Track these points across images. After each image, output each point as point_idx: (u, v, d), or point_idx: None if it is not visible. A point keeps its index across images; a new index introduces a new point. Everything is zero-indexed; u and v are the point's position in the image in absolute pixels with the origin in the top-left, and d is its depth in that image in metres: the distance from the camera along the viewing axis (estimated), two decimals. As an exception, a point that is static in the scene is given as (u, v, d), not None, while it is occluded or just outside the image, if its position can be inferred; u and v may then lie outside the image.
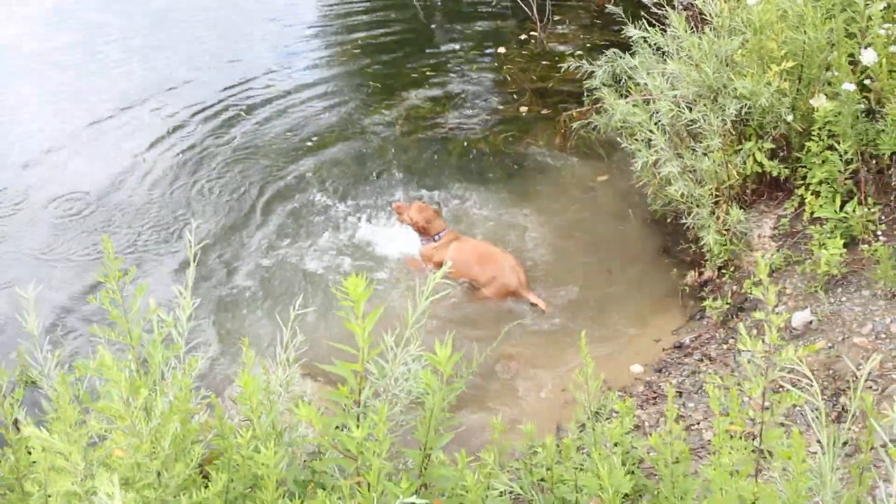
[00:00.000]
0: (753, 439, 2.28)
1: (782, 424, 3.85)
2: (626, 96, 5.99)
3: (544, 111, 8.28)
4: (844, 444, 2.29)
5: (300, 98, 8.85)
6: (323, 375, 4.98)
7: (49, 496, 1.95)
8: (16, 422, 2.37)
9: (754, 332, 4.94)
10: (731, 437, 2.19)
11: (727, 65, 5.41)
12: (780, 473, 2.21)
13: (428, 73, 9.27)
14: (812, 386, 2.12)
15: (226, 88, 9.06)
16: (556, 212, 6.84)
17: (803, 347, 2.04)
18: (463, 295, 5.98)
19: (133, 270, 2.52)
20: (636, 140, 5.76)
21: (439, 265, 5.93)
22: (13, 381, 2.96)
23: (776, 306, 5.08)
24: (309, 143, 7.95)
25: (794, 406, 4.10)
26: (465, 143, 7.85)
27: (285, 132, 8.17)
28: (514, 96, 8.62)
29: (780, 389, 2.36)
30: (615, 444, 2.76)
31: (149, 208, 7.05)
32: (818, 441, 3.85)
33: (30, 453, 2.17)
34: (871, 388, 4.07)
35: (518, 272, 5.89)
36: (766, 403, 2.11)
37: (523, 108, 8.37)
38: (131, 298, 2.45)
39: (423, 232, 6.31)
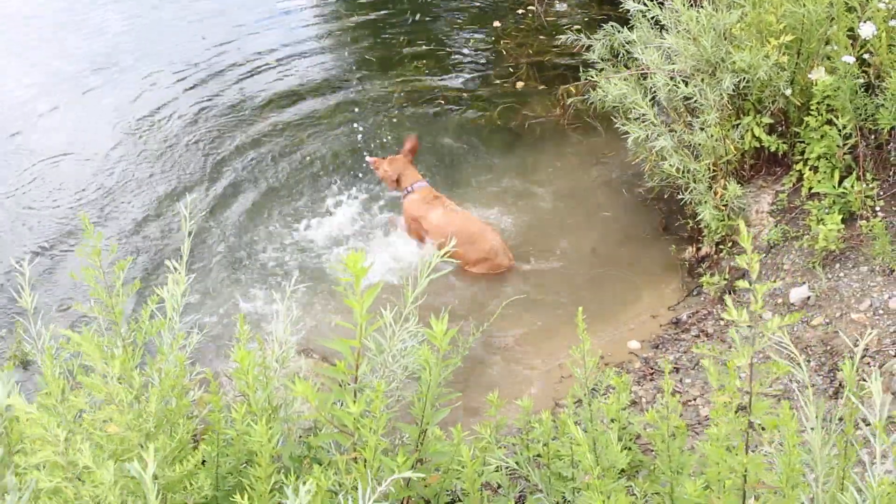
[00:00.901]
0: (739, 411, 2.27)
1: (777, 398, 3.85)
2: (624, 71, 5.95)
3: (541, 86, 8.22)
4: (840, 419, 2.28)
5: (294, 70, 8.77)
6: (319, 351, 4.97)
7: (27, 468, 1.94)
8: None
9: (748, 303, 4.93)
10: (727, 409, 2.18)
11: (725, 38, 5.37)
12: (773, 447, 2.20)
13: (424, 47, 9.18)
14: (801, 358, 2.11)
15: (217, 60, 9.00)
16: (553, 186, 6.81)
17: (788, 316, 2.02)
18: (458, 272, 5.95)
19: (115, 248, 2.49)
20: (629, 119, 5.71)
21: (419, 223, 6.01)
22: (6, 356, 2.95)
23: (761, 277, 5.09)
24: (303, 117, 7.88)
25: (791, 381, 4.10)
26: (462, 117, 7.80)
27: (279, 104, 8.11)
28: (511, 70, 8.55)
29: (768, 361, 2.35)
30: (612, 420, 2.75)
31: (139, 176, 7.05)
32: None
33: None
34: (868, 363, 4.07)
35: (507, 250, 5.90)
36: (753, 374, 2.10)
37: (520, 84, 8.31)
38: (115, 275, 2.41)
39: (397, 184, 6.23)
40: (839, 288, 4.70)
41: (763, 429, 2.21)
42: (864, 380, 3.98)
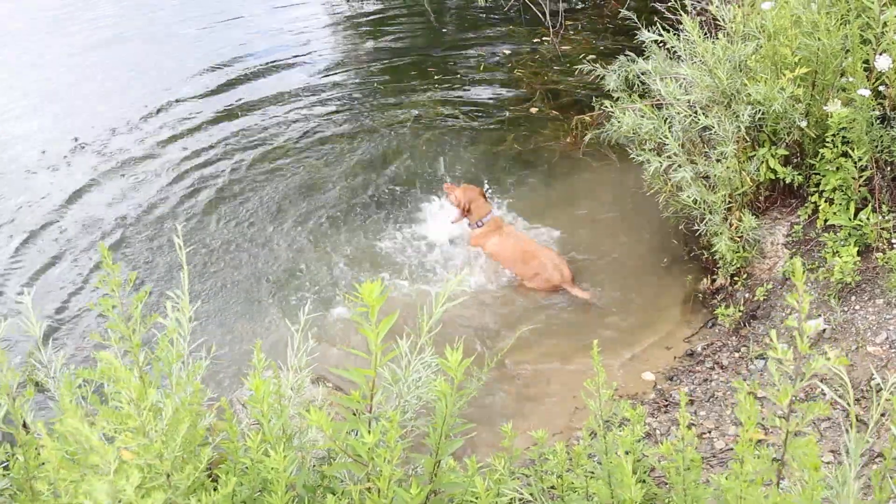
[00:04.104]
0: (767, 446, 2.25)
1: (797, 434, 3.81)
2: (640, 101, 5.97)
3: (554, 112, 8.26)
4: (861, 455, 2.26)
5: (310, 100, 8.86)
6: (333, 380, 4.97)
7: (59, 496, 1.94)
8: (24, 423, 2.36)
9: (767, 340, 4.91)
10: (754, 445, 2.16)
11: (741, 70, 5.38)
12: (796, 483, 2.18)
13: (437, 76, 9.26)
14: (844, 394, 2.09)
15: (232, 89, 9.12)
16: (566, 215, 6.82)
17: (836, 360, 2.00)
18: (473, 301, 5.94)
19: (133, 276, 2.49)
20: (645, 150, 5.72)
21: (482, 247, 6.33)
22: (23, 382, 2.95)
23: (775, 310, 5.07)
24: (319, 145, 7.95)
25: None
26: (474, 144, 7.84)
27: (295, 132, 8.18)
28: (526, 100, 8.60)
29: (803, 399, 2.34)
30: (626, 452, 2.73)
31: (151, 213, 7.12)
32: (831, 451, 3.82)
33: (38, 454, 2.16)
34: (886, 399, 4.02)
35: (561, 268, 6.04)
36: (792, 412, 2.08)
37: (534, 109, 8.35)
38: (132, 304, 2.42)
39: (467, 214, 6.52)
40: (855, 321, 4.67)
41: (788, 464, 2.19)
42: (884, 414, 3.94)
